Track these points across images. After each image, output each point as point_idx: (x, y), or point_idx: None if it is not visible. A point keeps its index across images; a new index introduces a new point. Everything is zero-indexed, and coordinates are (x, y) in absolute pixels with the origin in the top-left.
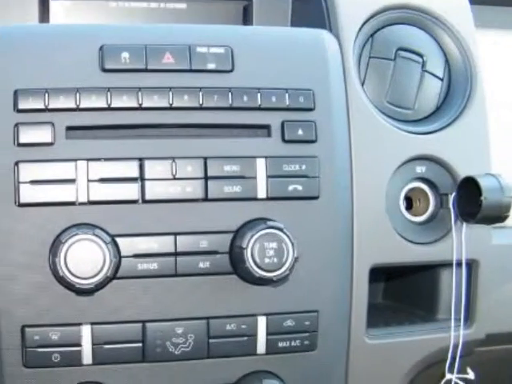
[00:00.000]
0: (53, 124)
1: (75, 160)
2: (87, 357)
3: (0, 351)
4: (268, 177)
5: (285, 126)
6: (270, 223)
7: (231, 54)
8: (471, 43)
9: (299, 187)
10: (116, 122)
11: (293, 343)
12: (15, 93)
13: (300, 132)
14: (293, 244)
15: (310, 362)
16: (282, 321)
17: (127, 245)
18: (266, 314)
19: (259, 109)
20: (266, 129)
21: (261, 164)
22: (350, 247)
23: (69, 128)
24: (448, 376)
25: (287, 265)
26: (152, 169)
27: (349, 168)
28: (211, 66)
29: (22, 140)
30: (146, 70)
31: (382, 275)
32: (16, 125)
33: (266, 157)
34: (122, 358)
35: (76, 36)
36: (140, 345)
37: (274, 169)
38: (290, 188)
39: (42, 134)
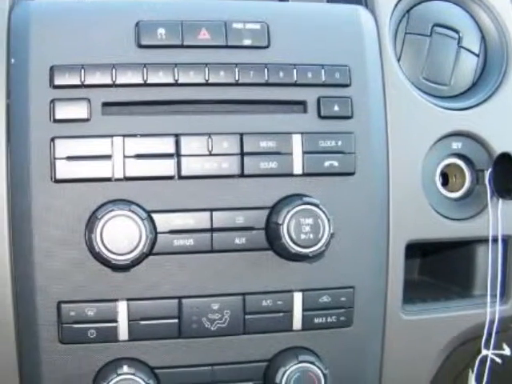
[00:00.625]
0: (89, 100)
1: (111, 136)
2: (123, 333)
3: (36, 327)
4: (304, 153)
5: (321, 102)
6: (306, 199)
7: (267, 30)
8: (507, 18)
9: (335, 163)
10: (152, 97)
11: (329, 319)
12: (51, 69)
13: (336, 108)
14: (329, 220)
15: (346, 338)
16: (318, 297)
17: (163, 221)
18: (302, 290)
19: (295, 85)
20: (301, 105)
21: (297, 140)
22: (386, 223)
23: (105, 104)
24: (484, 352)
25: (323, 241)
26: (188, 145)
27: (385, 144)
28: (247, 42)
29: (58, 116)
30: (181, 46)
31: (417, 251)
32: (52, 101)
33: (302, 133)
34: (158, 333)
35: (112, 12)
36: (176, 321)
37: (310, 145)
38: (326, 164)
39: (78, 110)
